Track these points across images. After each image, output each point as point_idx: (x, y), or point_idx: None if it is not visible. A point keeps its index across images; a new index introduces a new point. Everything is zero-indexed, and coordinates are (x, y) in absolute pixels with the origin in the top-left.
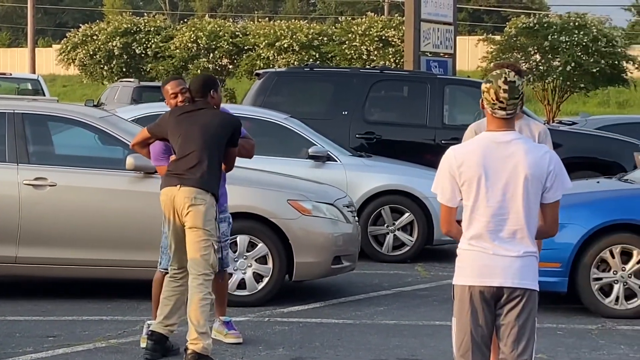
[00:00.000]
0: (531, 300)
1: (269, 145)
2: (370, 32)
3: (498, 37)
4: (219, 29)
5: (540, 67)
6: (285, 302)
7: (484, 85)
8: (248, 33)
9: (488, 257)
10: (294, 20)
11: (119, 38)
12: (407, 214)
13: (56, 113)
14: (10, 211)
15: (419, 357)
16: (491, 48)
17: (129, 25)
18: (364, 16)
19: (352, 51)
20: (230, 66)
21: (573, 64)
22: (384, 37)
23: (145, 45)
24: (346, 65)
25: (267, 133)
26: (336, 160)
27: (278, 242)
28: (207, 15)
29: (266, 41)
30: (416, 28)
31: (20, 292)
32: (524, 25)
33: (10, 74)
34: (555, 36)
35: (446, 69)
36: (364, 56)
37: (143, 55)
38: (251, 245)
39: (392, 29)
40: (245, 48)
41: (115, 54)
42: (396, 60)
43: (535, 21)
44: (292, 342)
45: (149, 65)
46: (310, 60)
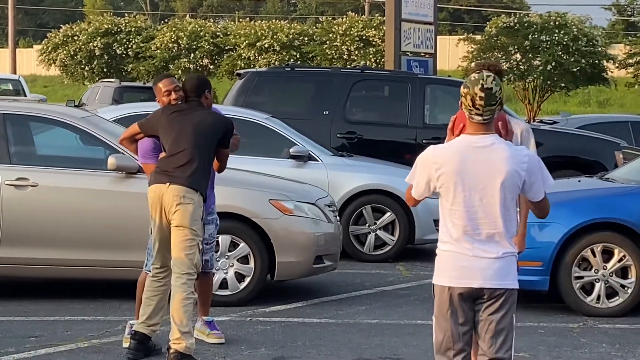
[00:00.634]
0: (511, 298)
1: (250, 145)
2: (351, 32)
3: (479, 37)
4: (199, 29)
5: (520, 67)
6: (267, 302)
7: (462, 90)
8: (229, 33)
9: (467, 259)
10: (274, 20)
11: (99, 38)
12: (389, 214)
13: (37, 113)
14: None
15: (401, 356)
16: (472, 48)
17: (110, 26)
18: (345, 16)
19: (333, 51)
20: (211, 66)
21: (553, 64)
22: (364, 37)
23: (126, 45)
24: (327, 65)
25: (249, 133)
26: (317, 160)
27: (260, 242)
28: (188, 15)
29: (247, 41)
30: (397, 28)
31: (2, 293)
32: (505, 24)
33: None
34: (536, 35)
35: (427, 69)
36: (345, 56)
37: (124, 55)
38: (233, 245)
39: (373, 29)
40: (226, 48)
41: (96, 54)
42: (377, 60)
43: (515, 21)
44: (274, 342)
45: (130, 65)
46: (291, 60)
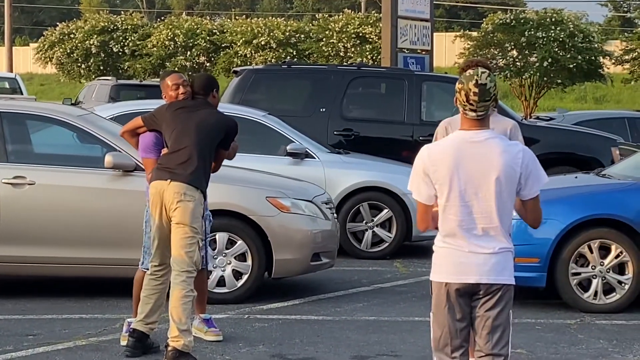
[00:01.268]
0: (507, 294)
1: (247, 143)
2: (348, 29)
3: (475, 34)
4: (196, 26)
5: (517, 63)
6: (265, 299)
7: (457, 85)
8: (225, 31)
9: (463, 255)
10: (271, 17)
11: (96, 36)
12: (386, 211)
13: (34, 112)
14: None
15: (399, 353)
16: (468, 44)
17: (106, 24)
18: (341, 13)
19: (330, 48)
20: (208, 64)
21: (550, 60)
22: (361, 34)
23: (122, 43)
24: (324, 63)
25: (245, 130)
26: (314, 157)
27: (257, 240)
28: (184, 13)
29: (243, 39)
30: (393, 25)
31: (0, 291)
32: (501, 21)
33: None
34: (532, 32)
35: (423, 66)
36: (341, 53)
37: (120, 53)
38: (230, 243)
39: (369, 26)
40: (223, 46)
41: (93, 52)
42: (373, 57)
43: (512, 17)
44: (272, 339)
45: (127, 63)
46: (288, 57)
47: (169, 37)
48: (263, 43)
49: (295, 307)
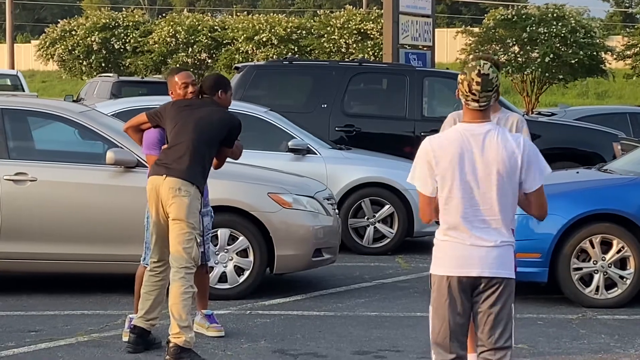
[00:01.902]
0: (508, 288)
1: (248, 139)
2: (349, 25)
3: (476, 29)
4: (197, 23)
5: (519, 59)
6: (267, 295)
7: (459, 76)
8: (227, 27)
9: (465, 248)
10: (272, 14)
11: (97, 33)
12: (387, 206)
13: (36, 108)
14: None
15: (400, 349)
16: (470, 40)
17: (108, 20)
18: (343, 9)
19: (331, 44)
20: (209, 60)
21: (552, 56)
22: (362, 30)
23: (124, 40)
24: (325, 59)
25: (247, 127)
26: (316, 153)
27: (259, 235)
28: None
29: (245, 35)
30: (395, 21)
31: (1, 287)
32: (503, 17)
33: None
34: (534, 28)
35: (425, 62)
36: (343, 49)
37: (122, 50)
38: (232, 239)
39: (371, 22)
40: (224, 42)
41: (94, 49)
42: (375, 53)
43: (513, 13)
44: (274, 335)
45: (128, 60)
46: (289, 53)
47: (171, 34)
48: (264, 39)
49: (297, 303)
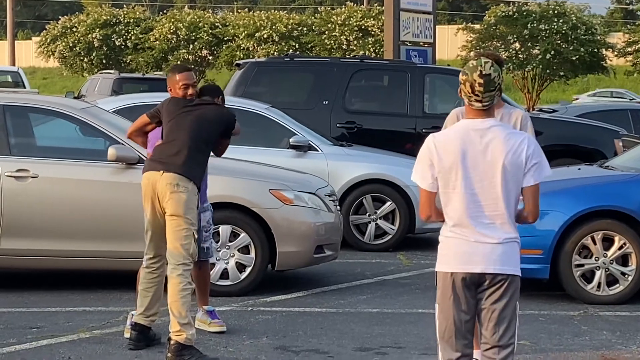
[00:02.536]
0: (513, 285)
1: (250, 136)
2: (350, 22)
3: (477, 26)
4: (198, 20)
5: (519, 56)
6: (268, 292)
7: (461, 77)
8: (227, 24)
9: (469, 244)
10: (273, 10)
11: (98, 30)
12: (389, 203)
13: (37, 104)
14: None
15: (402, 345)
16: (471, 37)
17: (109, 17)
18: (344, 6)
19: (332, 41)
20: (210, 57)
21: (552, 52)
22: (363, 27)
23: (124, 37)
24: (326, 55)
25: (248, 123)
26: (317, 150)
27: (260, 232)
28: (187, 6)
29: (246, 32)
30: (396, 17)
31: (3, 284)
32: (504, 13)
33: None
34: (535, 24)
35: (426, 58)
36: (344, 46)
37: (123, 47)
38: (233, 235)
39: (372, 19)
40: (225, 39)
41: (95, 45)
42: (376, 50)
43: (514, 10)
44: (276, 331)
45: (129, 56)
46: (290, 50)
47: (172, 31)
48: (265, 36)
49: (298, 300)
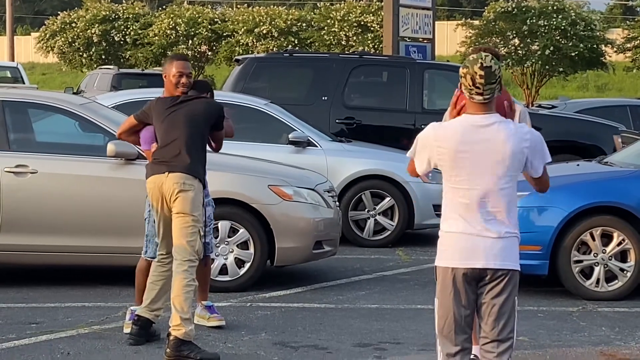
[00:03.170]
0: (512, 280)
1: (249, 131)
2: (349, 18)
3: (477, 22)
4: (197, 15)
5: (519, 52)
6: (267, 287)
7: (461, 70)
8: (227, 19)
9: (470, 239)
10: (272, 6)
11: (97, 25)
12: (388, 199)
13: (37, 100)
14: None
15: (401, 341)
16: (470, 33)
17: (108, 13)
18: (343, 2)
19: (331, 37)
20: (209, 53)
21: (552, 48)
22: (362, 23)
23: (124, 32)
24: (325, 51)
25: (247, 119)
26: (316, 146)
27: (259, 228)
28: (186, 1)
29: (245, 27)
30: (395, 13)
31: (2, 279)
32: (503, 9)
33: None
34: (534, 20)
35: (425, 54)
36: (343, 42)
37: (122, 42)
38: (232, 231)
39: (371, 15)
40: (224, 34)
41: (94, 41)
42: (375, 46)
43: (513, 5)
44: (275, 327)
45: (128, 52)
46: (289, 46)
47: (171, 26)
48: (264, 32)
49: (297, 295)
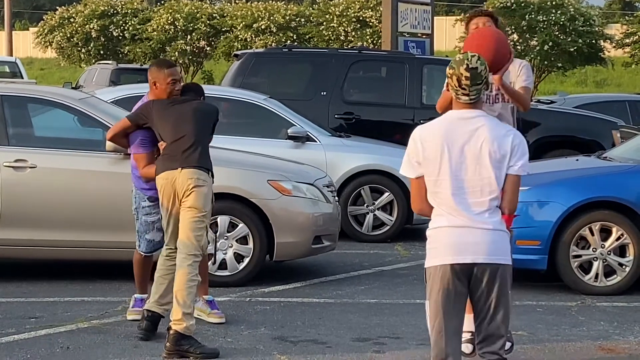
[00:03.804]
0: (504, 274)
1: (248, 126)
2: (348, 13)
3: None
4: (196, 10)
5: (517, 47)
6: (267, 282)
7: (448, 70)
8: (225, 15)
9: (458, 233)
10: (271, 1)
11: (96, 20)
12: (387, 194)
13: (36, 95)
14: None
15: (400, 335)
16: None
17: (106, 8)
18: None
19: (330, 32)
20: (208, 48)
21: (550, 44)
22: (361, 18)
23: (122, 27)
24: (324, 46)
25: (246, 114)
26: (315, 141)
27: (259, 223)
28: None
29: (243, 23)
30: (394, 9)
31: (1, 274)
32: (501, 4)
33: None
34: (533, 16)
35: (424, 49)
36: (342, 37)
37: (120, 37)
38: (232, 226)
39: (370, 10)
40: (223, 30)
41: (93, 36)
42: (374, 41)
43: (512, 1)
44: (274, 322)
45: (127, 47)
46: (288, 41)
47: (169, 21)
48: (263, 27)
49: (296, 290)
